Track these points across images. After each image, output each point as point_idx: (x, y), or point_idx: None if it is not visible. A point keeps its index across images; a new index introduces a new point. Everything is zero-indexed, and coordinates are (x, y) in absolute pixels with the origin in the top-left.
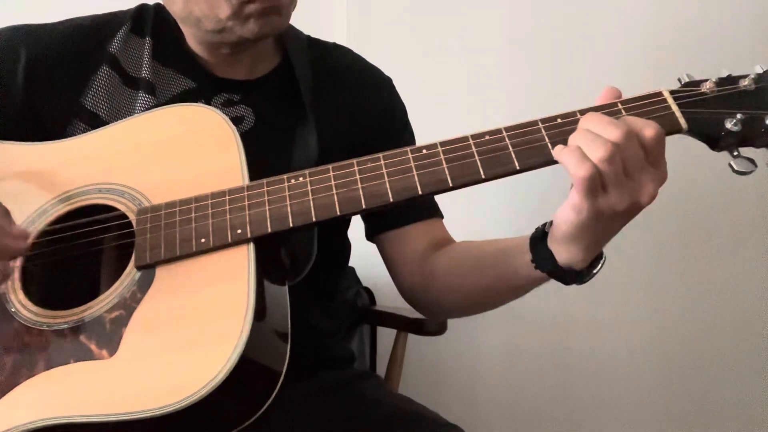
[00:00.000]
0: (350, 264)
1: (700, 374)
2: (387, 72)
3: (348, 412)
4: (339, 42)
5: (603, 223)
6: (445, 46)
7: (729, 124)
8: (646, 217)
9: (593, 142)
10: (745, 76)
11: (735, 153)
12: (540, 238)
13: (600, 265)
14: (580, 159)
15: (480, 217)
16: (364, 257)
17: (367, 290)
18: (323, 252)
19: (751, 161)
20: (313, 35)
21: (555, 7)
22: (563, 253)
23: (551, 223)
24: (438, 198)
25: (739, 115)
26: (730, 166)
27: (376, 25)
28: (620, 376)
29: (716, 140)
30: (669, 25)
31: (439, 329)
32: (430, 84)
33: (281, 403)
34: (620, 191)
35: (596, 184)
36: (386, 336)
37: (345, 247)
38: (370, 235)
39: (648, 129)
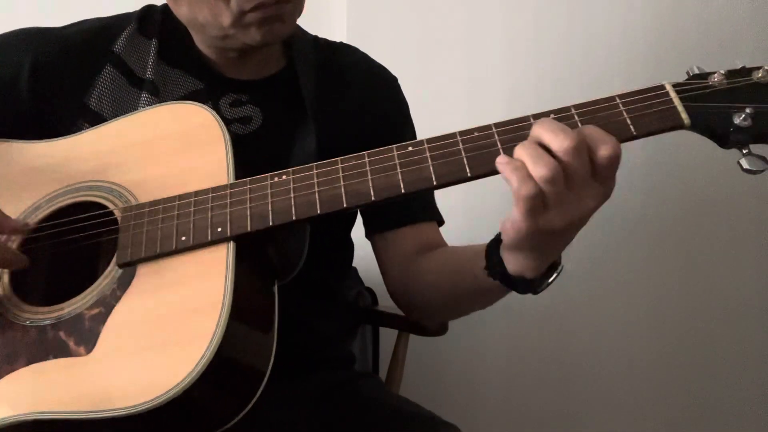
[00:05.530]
0: (352, 264)
1: (700, 375)
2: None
3: (347, 413)
4: (338, 40)
5: (544, 238)
6: (445, 45)
7: (737, 120)
8: (646, 218)
9: (539, 158)
10: (759, 68)
11: (745, 150)
12: (495, 245)
13: (555, 275)
14: (524, 177)
15: (478, 221)
16: (366, 257)
17: (369, 290)
18: (325, 252)
19: (764, 159)
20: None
21: (556, 5)
22: (512, 261)
23: None
24: (438, 201)
25: (748, 110)
26: (740, 164)
27: (376, 23)
28: (620, 376)
29: (724, 137)
30: (671, 21)
31: (440, 330)
32: (429, 82)
33: (281, 403)
34: (560, 210)
35: (538, 204)
36: (388, 336)
37: (348, 248)
38: (368, 235)
39: (604, 147)
